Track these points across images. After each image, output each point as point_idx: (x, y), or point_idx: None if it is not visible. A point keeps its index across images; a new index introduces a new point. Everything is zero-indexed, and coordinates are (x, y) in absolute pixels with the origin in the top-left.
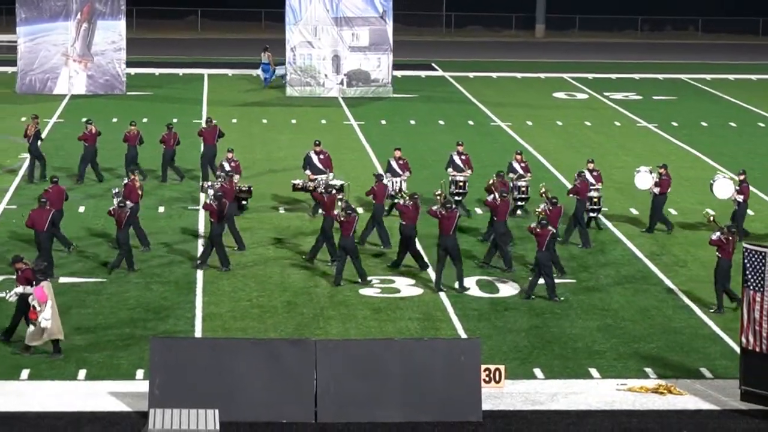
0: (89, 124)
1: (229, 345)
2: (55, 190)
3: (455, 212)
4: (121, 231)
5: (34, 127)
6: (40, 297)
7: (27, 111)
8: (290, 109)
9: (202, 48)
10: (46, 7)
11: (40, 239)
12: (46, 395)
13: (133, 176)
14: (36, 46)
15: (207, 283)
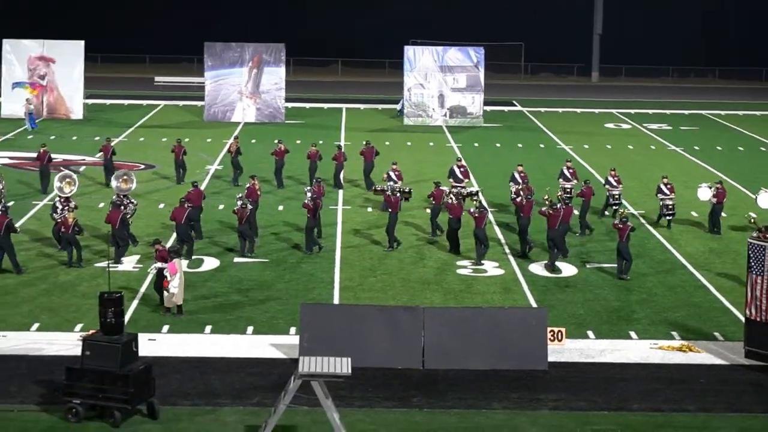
0: (280, 143)
1: (359, 310)
2: (195, 192)
3: (559, 211)
4: (242, 225)
5: (235, 144)
6: (172, 270)
7: (211, 135)
8: (406, 135)
9: (341, 88)
10: (227, 57)
11: (178, 230)
12: (223, 345)
13: (253, 180)
14: (218, 86)
15: (343, 263)
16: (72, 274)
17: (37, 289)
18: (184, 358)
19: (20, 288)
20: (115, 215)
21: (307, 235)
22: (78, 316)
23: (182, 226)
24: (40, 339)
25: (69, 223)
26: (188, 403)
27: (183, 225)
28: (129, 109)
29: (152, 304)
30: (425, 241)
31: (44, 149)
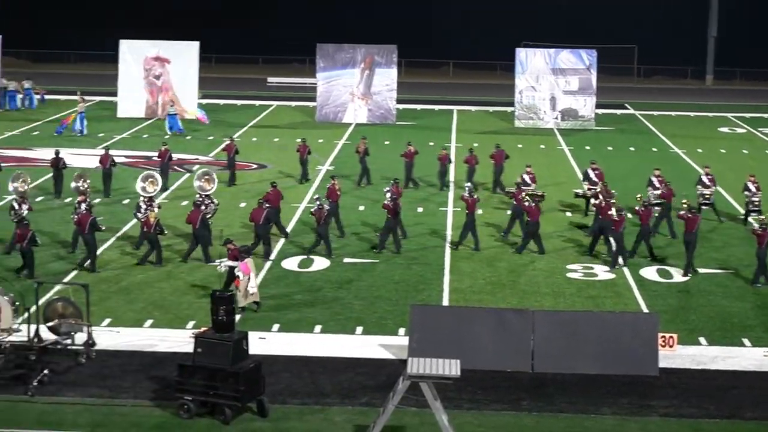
0: (409, 145)
1: (468, 312)
2: (274, 192)
3: (698, 216)
4: (320, 226)
5: (363, 145)
6: (244, 270)
7: (323, 135)
8: (517, 137)
9: (452, 90)
10: (339, 58)
11: (257, 230)
12: (332, 344)
13: (333, 180)
14: (330, 87)
15: (453, 265)
16: (186, 272)
17: (150, 286)
18: (293, 356)
19: (134, 285)
20: (195, 215)
21: (382, 237)
22: (190, 314)
23: (261, 227)
24: (152, 335)
25: (151, 222)
26: (297, 401)
27: (261, 225)
28: (242, 110)
29: (264, 303)
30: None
31: (165, 147)
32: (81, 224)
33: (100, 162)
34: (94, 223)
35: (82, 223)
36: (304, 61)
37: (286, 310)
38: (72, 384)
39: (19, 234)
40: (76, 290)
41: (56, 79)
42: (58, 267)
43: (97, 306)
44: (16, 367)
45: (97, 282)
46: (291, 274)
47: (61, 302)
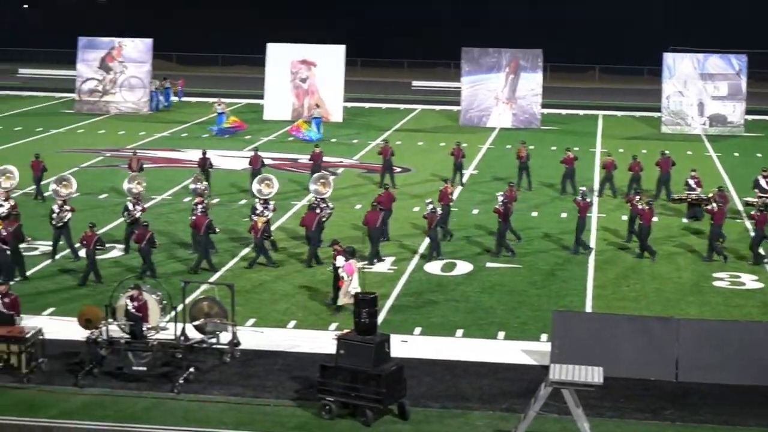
0: (568, 151)
1: (611, 319)
2: (386, 195)
3: None
4: (430, 230)
5: (525, 149)
6: (349, 271)
7: (467, 139)
8: (664, 143)
9: (598, 94)
10: (484, 62)
11: (371, 234)
12: (474, 349)
13: (446, 184)
14: (475, 91)
15: (597, 272)
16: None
17: (294, 286)
18: (435, 360)
19: (278, 285)
20: (310, 218)
21: (498, 240)
22: (332, 316)
23: (375, 230)
24: (296, 336)
25: (258, 227)
26: (438, 405)
27: (376, 228)
28: (386, 113)
29: (404, 306)
30: (684, 250)
31: (318, 150)
32: (197, 226)
33: (250, 163)
34: (210, 226)
35: (198, 225)
36: (449, 65)
37: (428, 313)
38: (217, 382)
39: (138, 234)
40: (221, 290)
41: (205, 81)
42: (175, 267)
43: (243, 306)
44: (162, 365)
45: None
46: (434, 277)
47: (207, 301)
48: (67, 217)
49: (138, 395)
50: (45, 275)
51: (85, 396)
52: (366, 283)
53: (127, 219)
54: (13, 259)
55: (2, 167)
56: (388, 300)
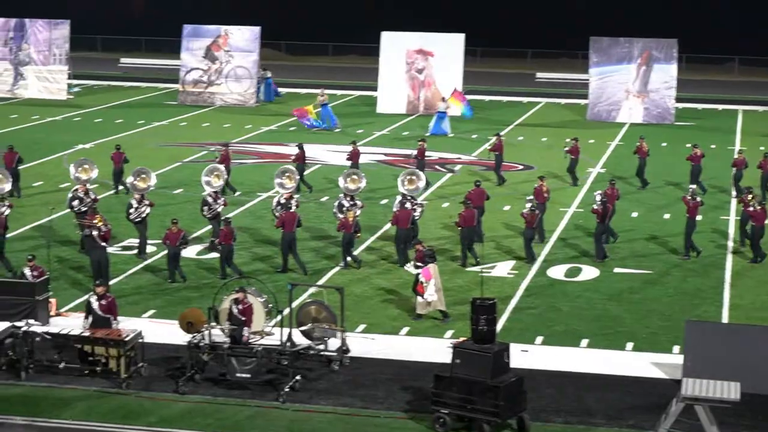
0: (695, 147)
1: (750, 330)
2: (476, 192)
3: None
4: (528, 230)
5: (645, 146)
6: (426, 276)
7: (594, 135)
8: None
9: (738, 88)
10: (614, 53)
11: (463, 234)
12: (600, 360)
13: (541, 182)
14: (603, 84)
15: (734, 279)
16: (464, 278)
17: (379, 289)
18: (557, 372)
19: (385, 288)
20: (404, 215)
21: (597, 243)
22: (449, 323)
23: (466, 230)
24: (409, 344)
25: (350, 222)
26: (560, 420)
27: (470, 228)
28: (508, 107)
29: (525, 312)
30: None
31: (422, 144)
32: (285, 223)
33: (349, 158)
34: (298, 222)
35: (287, 221)
36: (576, 56)
37: (551, 321)
38: (324, 392)
39: (224, 232)
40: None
41: (316, 72)
42: (258, 267)
43: (352, 311)
44: (267, 372)
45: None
46: (557, 283)
47: (315, 305)
48: (146, 212)
49: (241, 403)
50: (140, 274)
51: (186, 403)
52: (485, 288)
53: (208, 214)
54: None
55: (80, 159)
56: (507, 306)
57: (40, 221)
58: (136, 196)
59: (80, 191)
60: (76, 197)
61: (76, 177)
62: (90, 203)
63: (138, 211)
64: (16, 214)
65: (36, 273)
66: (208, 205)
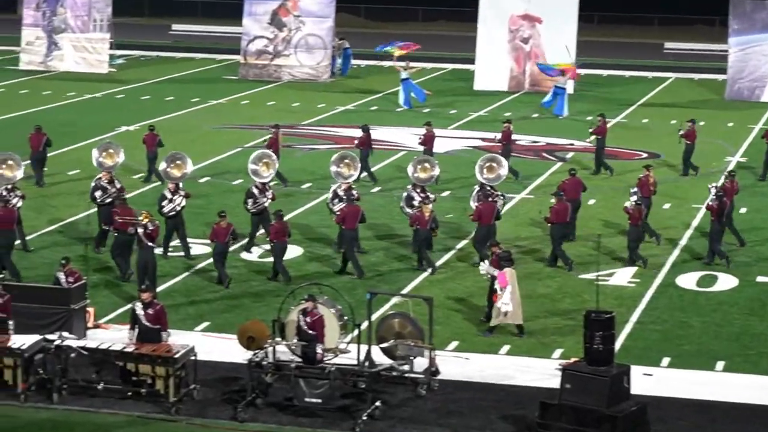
0: None
1: None
2: (571, 182)
3: None
4: (635, 226)
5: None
6: (501, 282)
7: (734, 117)
8: None
9: None
10: (758, 19)
11: (554, 231)
12: (738, 386)
13: (647, 172)
14: (746, 56)
15: None
16: (553, 286)
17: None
18: (687, 400)
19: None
20: (488, 210)
21: (712, 244)
22: (557, 339)
23: (557, 226)
24: (510, 364)
25: (425, 217)
26: None
27: (558, 226)
28: (630, 83)
29: (649, 329)
30: None
31: (507, 125)
32: (346, 219)
33: (422, 142)
34: (362, 218)
35: (349, 216)
36: (713, 22)
37: (679, 339)
38: (409, 420)
39: (276, 228)
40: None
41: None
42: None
43: (442, 325)
44: (342, 397)
45: None
46: (688, 294)
47: (399, 319)
48: (181, 204)
49: None
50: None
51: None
52: (600, 299)
53: (252, 209)
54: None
55: (105, 143)
56: (628, 321)
57: (74, 216)
58: (170, 185)
59: (104, 180)
60: (98, 187)
61: (100, 163)
62: (115, 194)
63: (172, 204)
64: (46, 207)
65: (71, 278)
66: (253, 198)
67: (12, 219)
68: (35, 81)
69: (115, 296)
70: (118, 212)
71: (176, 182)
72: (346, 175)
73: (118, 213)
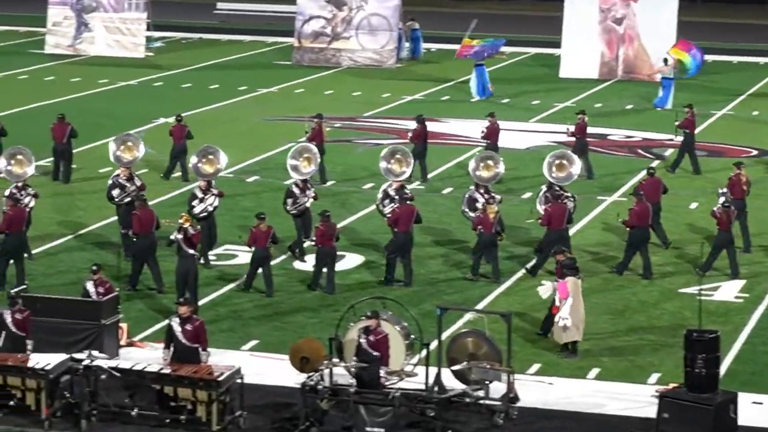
0: None
1: None
2: (650, 182)
3: None
4: (724, 230)
5: None
6: (562, 293)
7: None
8: None
9: None
10: None
11: (633, 237)
12: None
13: (738, 171)
14: None
15: None
16: (649, 301)
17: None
18: None
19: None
20: (559, 212)
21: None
22: (654, 362)
23: (637, 231)
24: (599, 390)
25: (490, 219)
26: None
27: (639, 230)
28: (739, 69)
29: (761, 351)
30: None
31: (581, 117)
32: (400, 220)
33: (485, 136)
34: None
35: (403, 217)
36: None
37: None
38: None
39: (320, 231)
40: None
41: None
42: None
43: (521, 345)
44: (407, 426)
45: None
46: None
47: (473, 338)
48: (214, 204)
49: None
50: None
51: None
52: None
53: (292, 209)
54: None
55: (123, 135)
56: (735, 342)
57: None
58: (201, 183)
59: (122, 176)
60: (116, 184)
61: (117, 157)
62: (134, 192)
63: (204, 204)
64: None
65: (101, 288)
66: (293, 198)
67: (22, 219)
68: (62, 66)
69: (151, 310)
70: (138, 214)
71: (208, 180)
72: (398, 173)
73: (138, 215)
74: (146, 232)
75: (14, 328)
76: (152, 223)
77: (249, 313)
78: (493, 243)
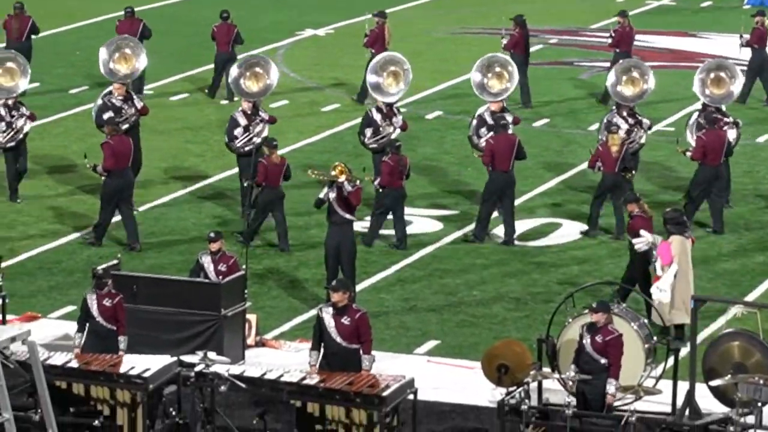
0: None
1: None
2: None
3: None
4: None
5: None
6: (663, 255)
7: None
8: None
9: None
10: None
11: None
12: None
13: None
14: None
15: None
16: None
17: None
18: None
19: None
20: (716, 140)
21: None
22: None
23: None
24: None
25: (612, 154)
26: None
27: None
28: None
29: None
30: None
31: (760, 20)
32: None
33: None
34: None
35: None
36: None
37: None
38: None
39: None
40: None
41: None
42: None
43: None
44: None
45: None
46: None
47: (740, 341)
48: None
49: None
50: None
51: None
52: None
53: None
54: None
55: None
56: None
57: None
58: (244, 105)
59: (116, 94)
60: (108, 105)
61: (111, 70)
62: (135, 117)
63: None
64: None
65: (223, 266)
66: (374, 127)
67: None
68: None
69: (291, 297)
70: (264, 162)
71: (253, 100)
72: (496, 91)
73: (264, 164)
74: (274, 184)
75: (101, 319)
76: (281, 172)
77: (426, 302)
78: (618, 185)
